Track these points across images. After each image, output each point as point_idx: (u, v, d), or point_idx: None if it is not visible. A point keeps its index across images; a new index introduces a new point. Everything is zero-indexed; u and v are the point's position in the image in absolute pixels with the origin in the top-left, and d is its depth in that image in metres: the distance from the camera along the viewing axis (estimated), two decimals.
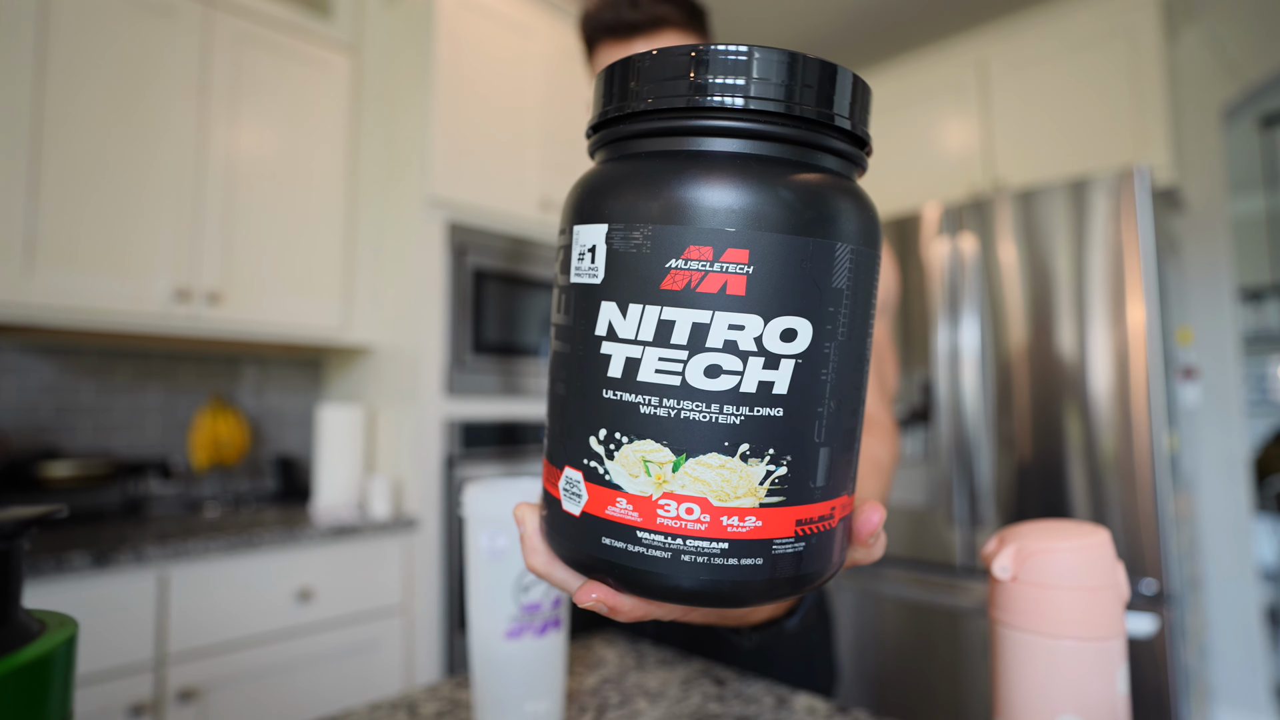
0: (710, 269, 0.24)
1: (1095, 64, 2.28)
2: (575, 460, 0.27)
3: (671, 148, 0.26)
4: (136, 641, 1.37)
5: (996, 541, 0.42)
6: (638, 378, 0.25)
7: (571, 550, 0.28)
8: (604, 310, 0.26)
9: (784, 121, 0.25)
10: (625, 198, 0.25)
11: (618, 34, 0.73)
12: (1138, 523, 1.64)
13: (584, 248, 0.27)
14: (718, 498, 0.25)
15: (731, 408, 0.25)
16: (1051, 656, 0.38)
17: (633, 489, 0.26)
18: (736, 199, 0.24)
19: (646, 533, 0.25)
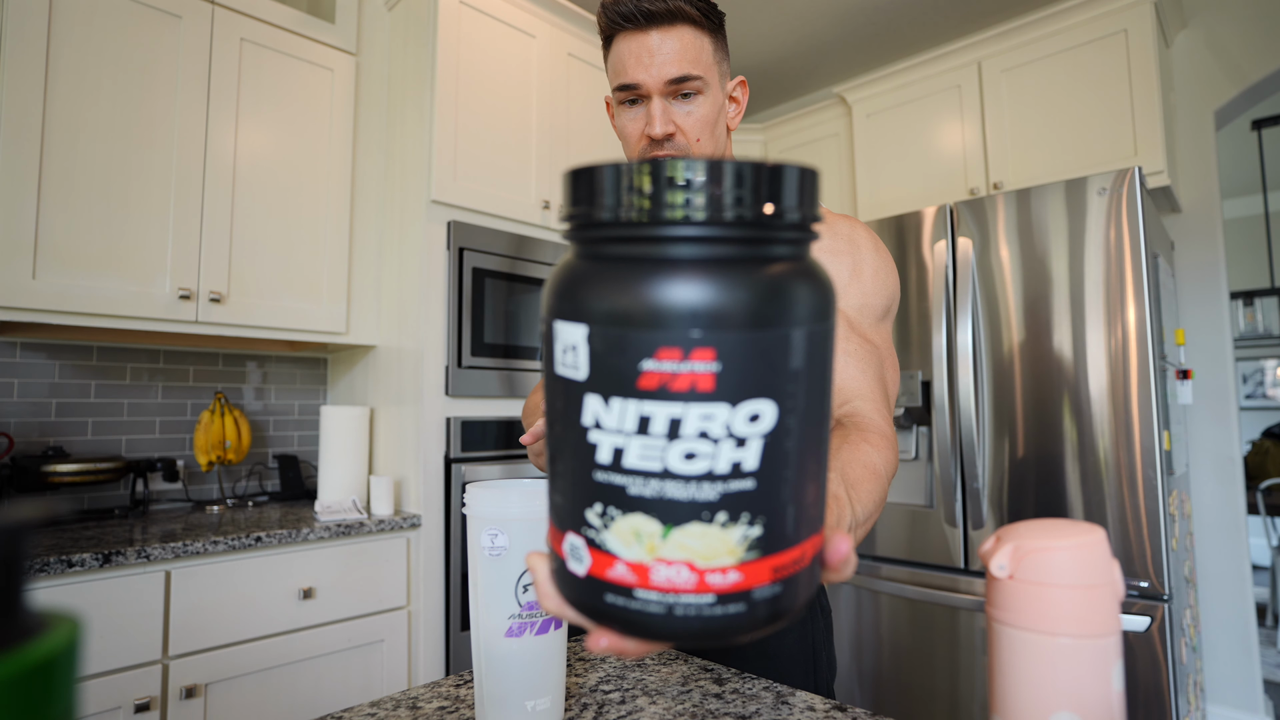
0: (680, 369, 0.27)
1: (1091, 67, 2.29)
2: (577, 527, 0.30)
3: (638, 254, 0.28)
4: (141, 639, 1.37)
5: (994, 540, 0.42)
6: (623, 464, 0.28)
7: (580, 603, 0.31)
8: (588, 403, 0.29)
9: (739, 227, 0.28)
10: (602, 301, 0.28)
11: (635, 24, 0.74)
12: (1133, 522, 1.65)
13: (567, 345, 0.29)
14: (702, 560, 0.28)
15: (708, 484, 0.28)
16: (1048, 653, 0.38)
17: (628, 556, 0.29)
18: (701, 304, 0.27)
19: (643, 591, 0.29)
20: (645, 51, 0.75)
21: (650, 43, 0.74)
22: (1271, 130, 3.92)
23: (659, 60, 0.74)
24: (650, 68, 0.74)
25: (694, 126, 0.77)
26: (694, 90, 0.76)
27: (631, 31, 0.75)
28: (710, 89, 0.77)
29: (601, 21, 0.78)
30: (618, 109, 0.80)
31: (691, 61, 0.75)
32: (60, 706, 0.17)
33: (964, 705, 1.87)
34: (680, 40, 0.75)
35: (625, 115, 0.79)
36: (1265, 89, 2.39)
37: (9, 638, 0.17)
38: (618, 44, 0.77)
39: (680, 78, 0.75)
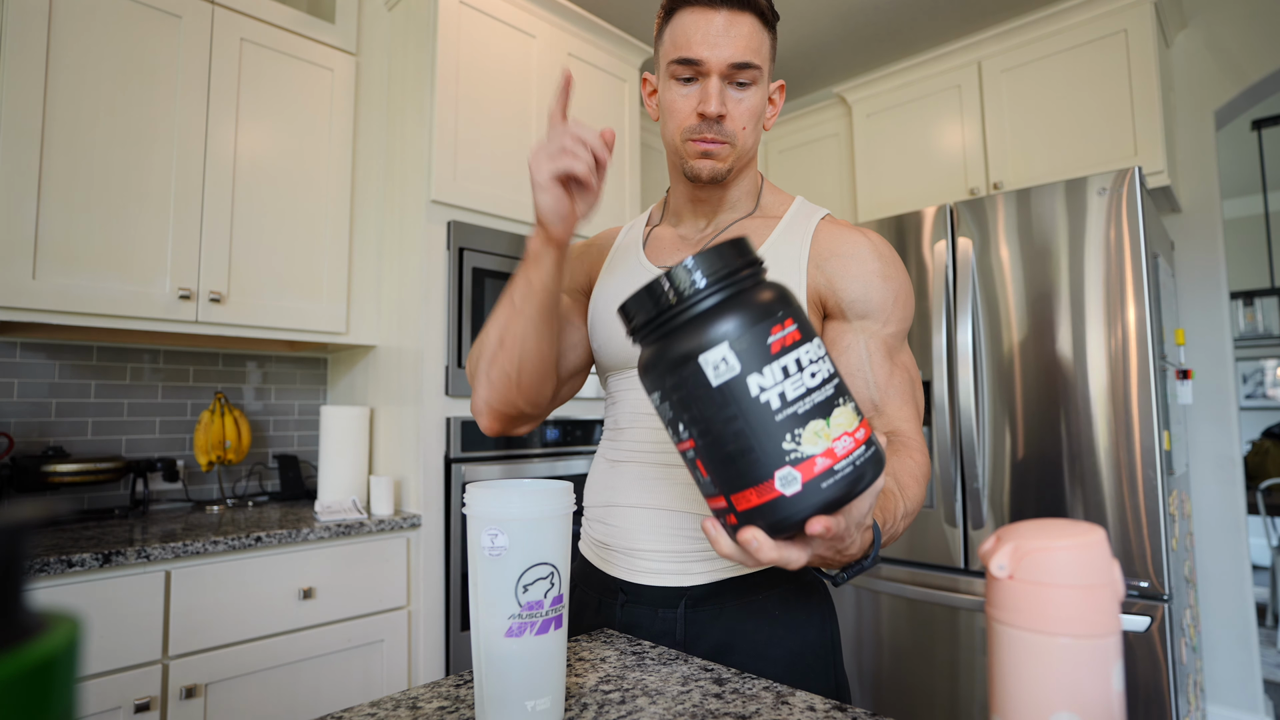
0: (785, 332, 0.47)
1: (1091, 66, 2.29)
2: (779, 463, 0.45)
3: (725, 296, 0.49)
4: (141, 639, 1.38)
5: (994, 540, 0.42)
6: (789, 400, 0.45)
7: (798, 514, 0.45)
8: (750, 381, 0.45)
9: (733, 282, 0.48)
10: (732, 326, 0.46)
11: (708, 2, 0.75)
12: (1133, 522, 1.65)
13: (716, 361, 0.46)
14: (849, 428, 0.47)
15: (829, 385, 0.47)
16: (1048, 653, 0.38)
17: (819, 450, 0.45)
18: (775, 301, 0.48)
19: (838, 464, 0.45)
20: (713, 30, 0.75)
21: (718, 22, 0.75)
22: (1271, 130, 3.92)
23: (725, 41, 0.74)
24: (716, 47, 0.75)
25: (743, 115, 0.77)
26: (750, 80, 0.76)
27: (700, 8, 0.75)
28: (763, 81, 0.78)
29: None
30: (668, 83, 0.79)
31: (754, 51, 0.76)
32: (60, 706, 0.17)
33: (964, 705, 1.87)
34: (748, 27, 0.75)
35: (677, 90, 0.78)
36: (1265, 89, 2.39)
37: (9, 638, 0.17)
38: (682, 16, 0.77)
39: (742, 64, 0.75)
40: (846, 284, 0.78)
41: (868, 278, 0.78)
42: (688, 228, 0.88)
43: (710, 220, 0.86)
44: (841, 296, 0.78)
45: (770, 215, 0.85)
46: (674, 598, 0.79)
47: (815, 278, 0.79)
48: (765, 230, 0.83)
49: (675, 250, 0.87)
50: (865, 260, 0.78)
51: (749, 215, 0.85)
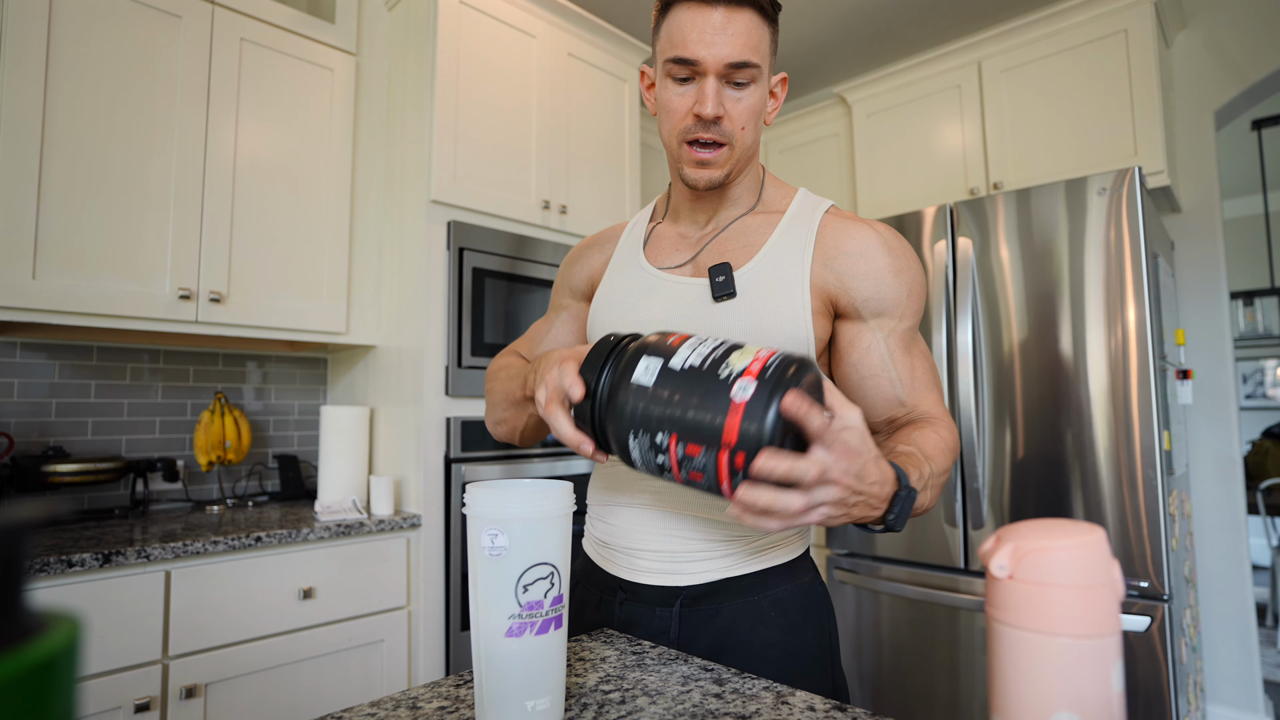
0: (676, 335, 0.62)
1: (1091, 66, 2.29)
2: (728, 387, 0.55)
3: (624, 349, 0.64)
4: (141, 639, 1.38)
5: (994, 540, 0.42)
6: (706, 356, 0.59)
7: (769, 403, 0.53)
8: (674, 363, 0.59)
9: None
10: (641, 350, 0.62)
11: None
12: (1133, 522, 1.65)
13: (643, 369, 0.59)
14: (756, 354, 0.57)
15: (724, 346, 0.59)
16: (1048, 653, 0.38)
17: (747, 362, 0.56)
18: (662, 334, 0.64)
19: (769, 360, 0.56)
20: (710, 28, 0.72)
21: (715, 20, 0.72)
22: (1271, 130, 3.92)
23: (722, 40, 0.72)
24: (712, 46, 0.72)
25: (742, 114, 0.75)
26: (749, 79, 0.74)
27: (696, 3, 0.73)
28: (762, 80, 0.76)
29: None
30: (664, 81, 0.77)
31: (753, 48, 0.73)
32: (60, 706, 0.17)
33: (964, 705, 1.87)
34: (745, 24, 0.72)
35: (673, 89, 0.76)
36: (1265, 89, 2.39)
37: (9, 638, 0.17)
38: (678, 12, 0.74)
39: (740, 63, 0.72)
40: (858, 283, 0.76)
41: (879, 275, 0.76)
42: (688, 225, 0.87)
43: (711, 217, 0.85)
44: (854, 296, 0.77)
45: (773, 210, 0.83)
46: (670, 597, 0.79)
47: (823, 276, 0.77)
48: (767, 227, 0.81)
49: (675, 249, 0.86)
50: (875, 256, 0.76)
51: (750, 211, 0.84)
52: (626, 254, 0.90)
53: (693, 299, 0.80)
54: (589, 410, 0.61)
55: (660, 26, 0.77)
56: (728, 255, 0.81)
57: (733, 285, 0.77)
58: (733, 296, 0.77)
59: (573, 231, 2.24)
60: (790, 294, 0.76)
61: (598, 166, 2.35)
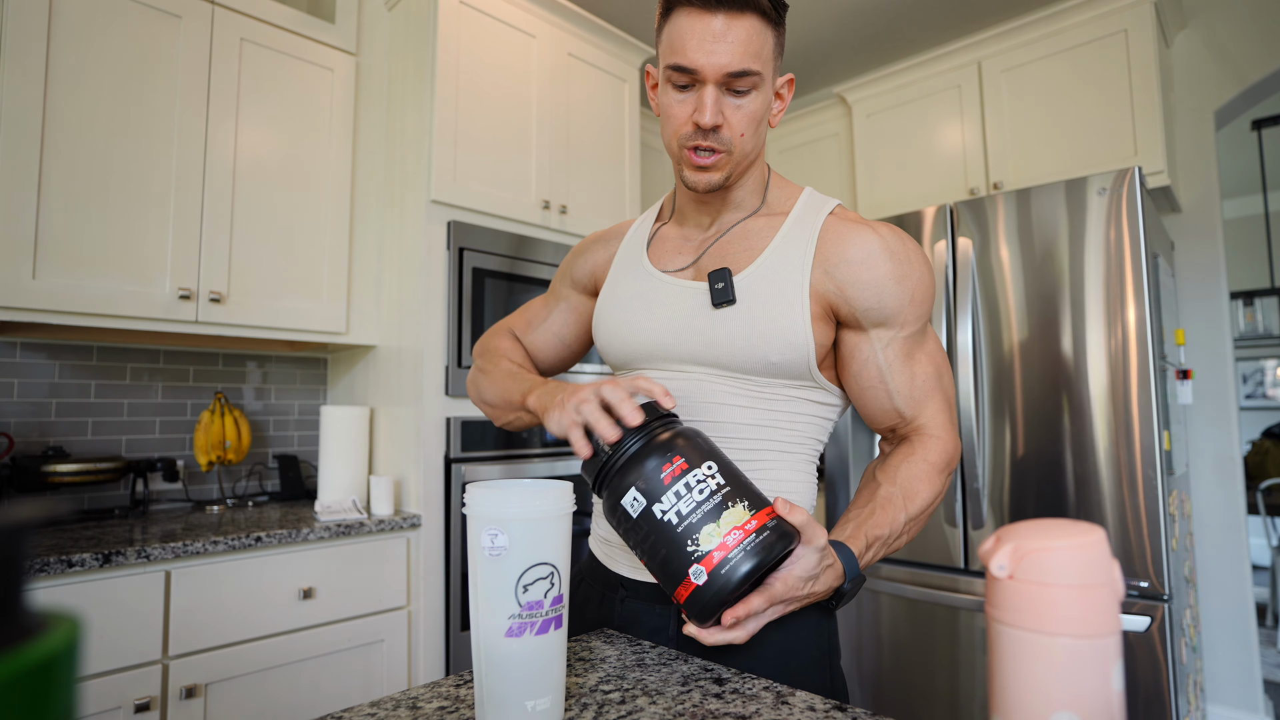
0: (674, 467, 0.63)
1: (1091, 67, 2.29)
2: (689, 563, 0.61)
3: (626, 458, 0.66)
4: (141, 639, 1.38)
5: (994, 540, 0.42)
6: (684, 516, 0.62)
7: (714, 595, 0.61)
8: (655, 509, 0.63)
9: (636, 441, 0.66)
10: (638, 474, 0.65)
11: (704, 3, 0.70)
12: (1133, 522, 1.65)
13: (630, 500, 0.63)
14: (738, 523, 0.61)
15: (716, 496, 0.62)
16: (1048, 653, 0.38)
17: (713, 546, 0.60)
18: (670, 448, 0.65)
19: (731, 554, 0.60)
20: (709, 35, 0.70)
21: (715, 27, 0.70)
22: (1271, 130, 3.92)
23: (722, 49, 0.70)
24: (712, 55, 0.70)
25: (742, 122, 0.74)
26: (749, 86, 0.72)
27: (696, 10, 0.71)
28: (765, 86, 0.74)
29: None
30: (665, 86, 0.76)
31: (754, 55, 0.71)
32: (60, 706, 0.17)
33: (964, 705, 1.87)
34: (746, 30, 0.70)
35: (673, 96, 0.75)
36: (1265, 89, 2.39)
37: (9, 638, 0.17)
38: (679, 18, 0.72)
39: (740, 72, 0.71)
40: (859, 292, 0.75)
41: (880, 283, 0.75)
42: (691, 227, 0.87)
43: (714, 219, 0.85)
44: (855, 305, 0.76)
45: (776, 212, 0.83)
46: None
47: (823, 283, 0.76)
48: (770, 230, 0.81)
49: (678, 252, 0.86)
50: (876, 264, 0.75)
51: (754, 214, 0.83)
52: (630, 254, 0.90)
53: (693, 304, 0.80)
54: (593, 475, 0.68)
55: (662, 30, 0.76)
56: (729, 259, 0.81)
57: (732, 292, 0.77)
58: (732, 303, 0.77)
59: (573, 231, 2.24)
60: (790, 301, 0.76)
61: (598, 166, 2.35)
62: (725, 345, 0.77)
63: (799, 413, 0.80)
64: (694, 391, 0.80)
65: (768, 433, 0.79)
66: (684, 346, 0.80)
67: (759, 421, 0.79)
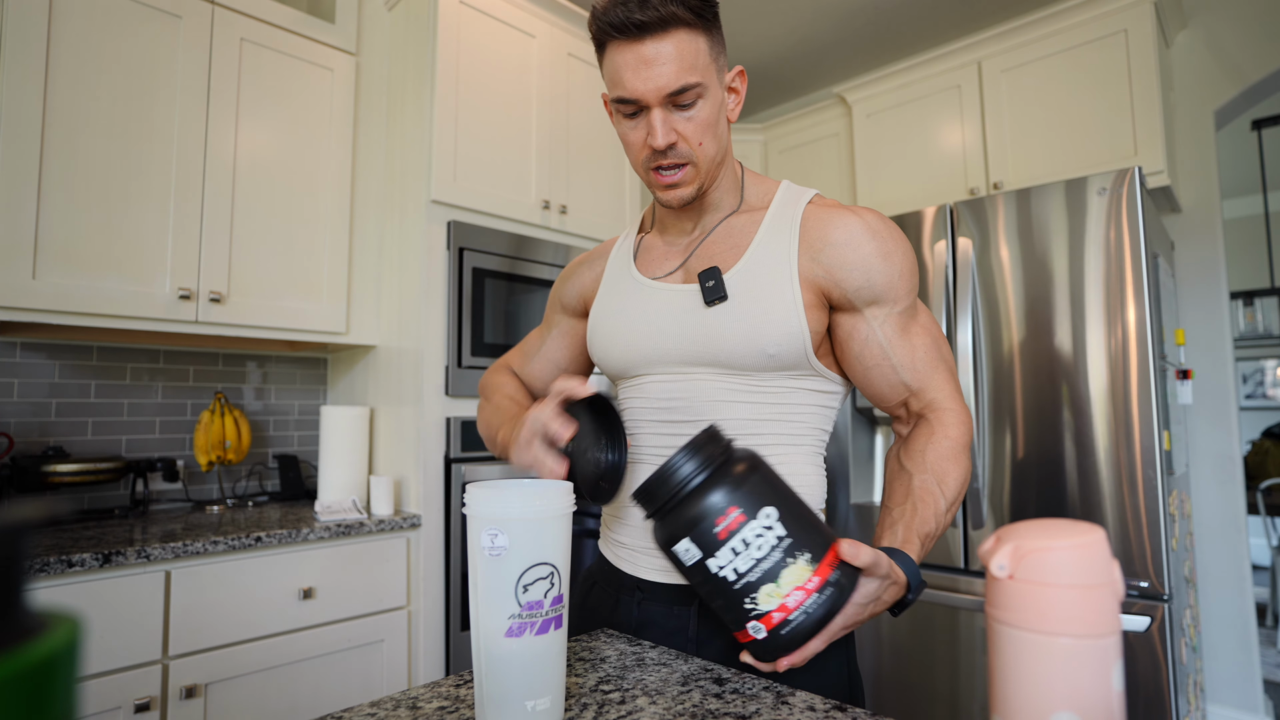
0: (729, 521, 0.59)
1: (1091, 67, 2.29)
2: (746, 618, 0.60)
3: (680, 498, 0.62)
4: (141, 639, 1.38)
5: (994, 540, 0.42)
6: (740, 571, 0.59)
7: (772, 652, 0.61)
8: (709, 564, 0.59)
9: (709, 467, 0.62)
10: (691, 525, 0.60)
11: (628, 34, 0.71)
12: (1133, 522, 1.65)
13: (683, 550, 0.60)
14: (799, 583, 0.59)
15: (776, 552, 0.59)
16: (1048, 653, 0.38)
17: (773, 607, 0.59)
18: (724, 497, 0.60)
19: (792, 615, 0.59)
20: (641, 63, 0.71)
21: (645, 53, 0.71)
22: (1271, 130, 3.92)
23: (655, 72, 0.71)
24: (648, 80, 0.72)
25: (695, 132, 0.75)
26: (694, 98, 0.73)
27: (624, 41, 0.72)
28: (710, 90, 0.75)
29: (592, 28, 0.75)
30: (616, 117, 0.79)
31: (689, 69, 0.72)
32: (60, 706, 0.17)
33: (964, 705, 1.87)
34: (675, 47, 0.71)
35: (625, 125, 0.77)
36: (1265, 89, 2.39)
37: (9, 638, 0.17)
38: (611, 53, 0.74)
39: (679, 89, 0.72)
40: (847, 274, 0.76)
41: (867, 262, 0.76)
42: (675, 234, 0.88)
43: (696, 223, 0.86)
44: (845, 287, 0.77)
45: (756, 208, 0.84)
46: (687, 595, 0.79)
47: (811, 270, 0.77)
48: (752, 225, 0.82)
49: (665, 258, 0.87)
50: (860, 244, 0.76)
51: (734, 212, 0.84)
52: (618, 268, 0.91)
53: (685, 305, 0.81)
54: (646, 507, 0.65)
55: (601, 64, 0.78)
56: (716, 258, 0.82)
57: (723, 289, 0.77)
58: (724, 300, 0.78)
59: (573, 231, 2.24)
60: (780, 291, 0.76)
61: (598, 166, 2.35)
62: (722, 342, 0.77)
63: (801, 404, 0.80)
64: (695, 393, 0.80)
65: (773, 426, 0.79)
66: (681, 348, 0.80)
67: (763, 416, 0.79)
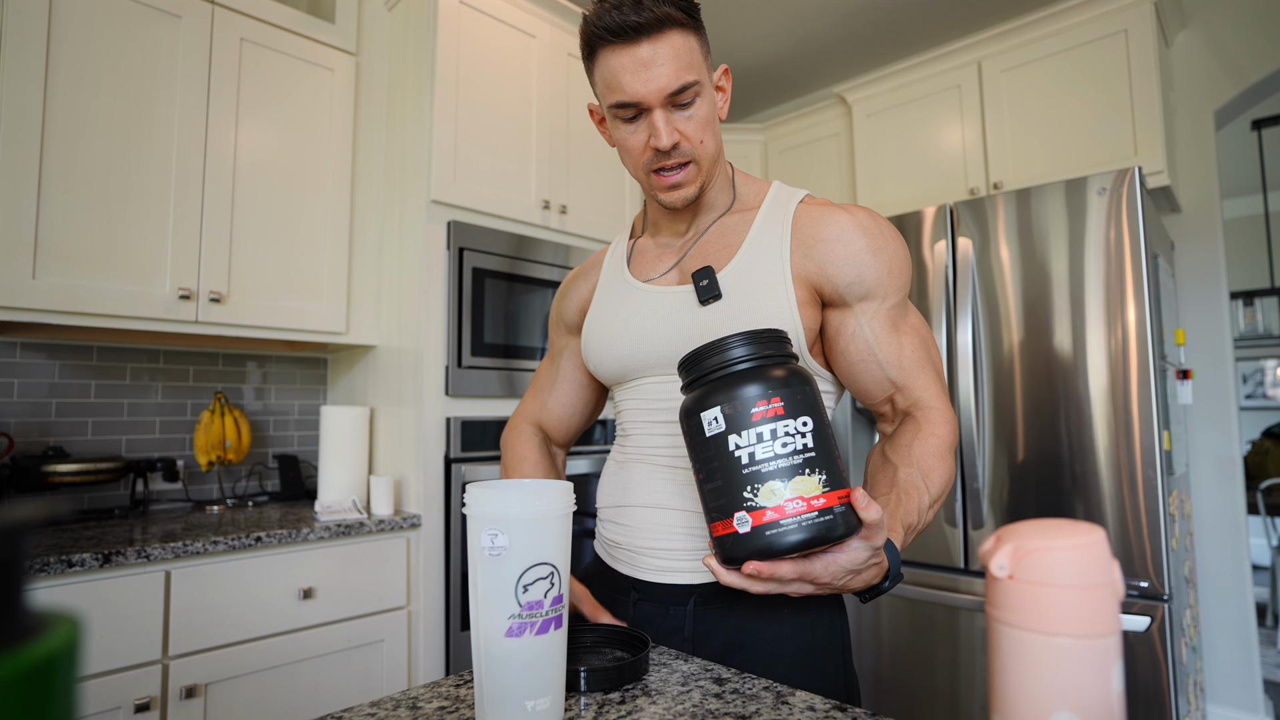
0: (769, 407, 0.58)
1: (1091, 67, 2.29)
2: (738, 507, 0.58)
3: (734, 369, 0.62)
4: (141, 639, 1.38)
5: (994, 540, 0.42)
6: (757, 459, 0.57)
7: (747, 551, 0.58)
8: (730, 439, 0.59)
9: (764, 355, 0.62)
10: (727, 396, 0.60)
11: (624, 37, 0.72)
12: (1133, 522, 1.65)
13: (710, 419, 0.60)
14: (806, 494, 0.57)
15: (798, 456, 0.58)
16: (1048, 653, 0.38)
17: (771, 504, 0.57)
18: (767, 385, 0.60)
19: (784, 520, 0.56)
20: (639, 65, 0.72)
21: (642, 55, 0.72)
22: (1271, 130, 3.92)
23: (655, 73, 0.72)
24: (649, 82, 0.72)
25: (696, 130, 0.76)
26: (692, 96, 0.74)
27: (619, 45, 0.72)
28: (705, 89, 0.76)
29: (585, 34, 0.75)
30: (614, 123, 0.78)
31: (686, 67, 0.73)
32: (60, 706, 0.17)
33: (964, 705, 1.87)
34: (672, 47, 0.72)
35: (624, 129, 0.77)
36: (1265, 89, 2.39)
37: (9, 638, 0.17)
38: (605, 58, 0.74)
39: (680, 88, 0.72)
40: (838, 269, 0.77)
41: (858, 258, 0.77)
42: (668, 236, 0.88)
43: (690, 224, 0.86)
44: (837, 283, 0.77)
45: (748, 207, 0.84)
46: (683, 595, 0.79)
47: (803, 266, 0.78)
48: (744, 224, 0.82)
49: (658, 260, 0.87)
50: (851, 240, 0.77)
51: (727, 212, 0.85)
52: (612, 274, 0.91)
53: (679, 306, 0.81)
54: (688, 371, 0.65)
55: (592, 71, 0.78)
56: (709, 258, 0.82)
57: (717, 288, 0.78)
58: (718, 298, 0.78)
59: (573, 231, 2.24)
60: (774, 288, 0.77)
61: (598, 166, 2.35)
62: None
63: None
64: None
65: None
66: (675, 349, 0.80)
67: None
